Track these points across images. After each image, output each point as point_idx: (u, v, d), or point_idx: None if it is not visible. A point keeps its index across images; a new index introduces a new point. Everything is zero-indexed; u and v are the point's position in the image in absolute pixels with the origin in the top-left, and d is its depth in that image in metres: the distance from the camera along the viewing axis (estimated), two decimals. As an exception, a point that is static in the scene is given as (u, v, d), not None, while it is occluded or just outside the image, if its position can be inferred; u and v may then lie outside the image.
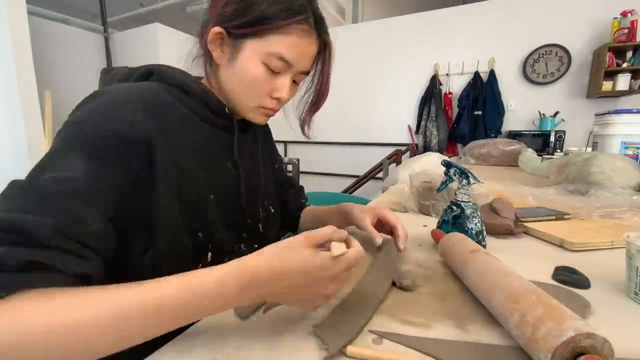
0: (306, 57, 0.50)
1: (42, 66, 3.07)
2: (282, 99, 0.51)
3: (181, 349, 0.33)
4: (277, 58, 0.47)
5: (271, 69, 0.48)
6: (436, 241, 0.57)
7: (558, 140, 3.01)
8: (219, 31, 0.47)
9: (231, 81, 0.50)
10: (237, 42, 0.47)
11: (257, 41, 0.46)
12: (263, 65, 0.47)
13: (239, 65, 0.48)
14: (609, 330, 0.29)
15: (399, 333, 0.35)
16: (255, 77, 0.48)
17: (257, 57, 0.47)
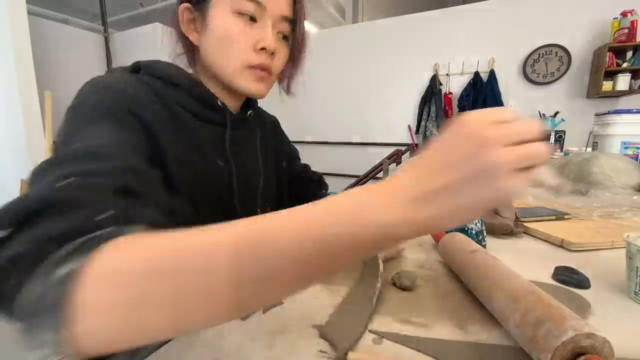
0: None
1: (42, 66, 3.07)
2: (268, 47, 0.46)
3: (181, 349, 0.33)
4: (247, 1, 0.43)
5: (247, 17, 0.44)
6: (436, 241, 0.57)
7: (558, 140, 3.01)
8: (185, 7, 0.45)
9: (210, 50, 0.47)
10: (203, 8, 0.45)
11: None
12: (235, 15, 0.44)
13: (211, 26, 0.45)
14: (609, 330, 0.29)
15: (399, 333, 0.35)
16: (229, 29, 0.44)
17: (226, 9, 0.44)
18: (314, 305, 0.41)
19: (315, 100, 4.26)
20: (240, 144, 0.55)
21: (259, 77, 0.48)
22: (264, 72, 0.48)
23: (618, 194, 0.87)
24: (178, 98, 0.46)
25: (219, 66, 0.47)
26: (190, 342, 0.34)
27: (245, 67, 0.47)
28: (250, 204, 0.57)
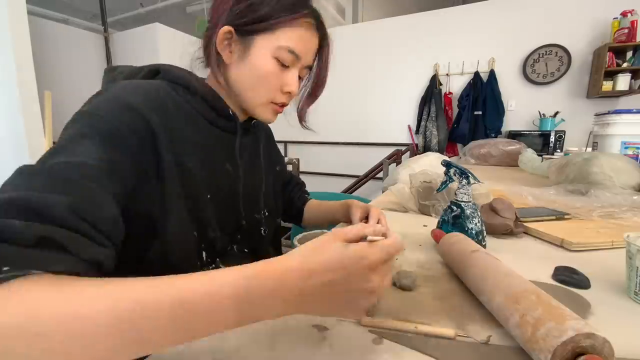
0: (311, 50, 0.52)
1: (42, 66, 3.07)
2: (293, 93, 0.53)
3: (181, 349, 0.33)
4: (288, 51, 0.48)
5: (281, 63, 0.49)
6: (436, 241, 0.57)
7: (558, 140, 3.01)
8: (228, 30, 0.47)
9: (242, 78, 0.51)
10: (246, 40, 0.48)
11: (267, 36, 0.48)
12: (274, 60, 0.49)
13: (251, 61, 0.49)
14: (609, 330, 0.29)
15: (399, 333, 0.35)
16: (267, 71, 0.49)
17: (268, 51, 0.48)
18: (314, 305, 0.41)
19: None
20: (247, 151, 0.58)
21: (277, 111, 0.55)
22: (281, 108, 0.55)
23: (618, 194, 0.87)
24: (195, 104, 0.50)
25: (246, 95, 0.52)
26: (190, 342, 0.34)
27: (269, 102, 0.53)
28: (254, 208, 0.60)
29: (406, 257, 0.57)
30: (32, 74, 2.63)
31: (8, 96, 2.64)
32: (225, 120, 0.54)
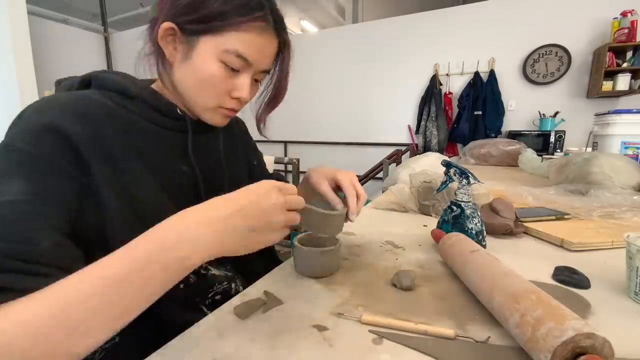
0: (265, 55, 0.48)
1: (42, 66, 3.07)
2: (243, 99, 0.49)
3: (181, 349, 0.33)
4: (235, 55, 0.45)
5: (230, 67, 0.46)
6: (436, 241, 0.57)
7: (558, 140, 3.01)
8: (169, 26, 0.44)
9: (186, 80, 0.47)
10: (190, 39, 0.45)
11: (213, 38, 0.44)
12: (220, 63, 0.45)
13: (194, 63, 0.45)
14: (609, 330, 0.29)
15: (399, 333, 0.35)
16: (212, 75, 0.46)
17: (213, 54, 0.45)
18: (314, 305, 0.41)
19: (315, 100, 4.26)
20: (204, 149, 0.54)
21: (226, 116, 0.51)
22: (232, 112, 0.51)
23: (618, 194, 0.87)
24: (134, 109, 0.46)
25: (190, 97, 0.49)
26: (189, 342, 0.34)
27: (217, 107, 0.49)
28: None
29: (406, 257, 0.57)
30: (32, 74, 2.63)
31: (8, 96, 2.64)
32: (173, 120, 0.50)
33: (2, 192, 0.33)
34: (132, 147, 0.44)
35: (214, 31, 0.44)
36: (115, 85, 0.46)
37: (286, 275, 0.50)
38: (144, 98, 0.48)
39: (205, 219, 0.31)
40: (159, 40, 0.46)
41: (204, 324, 0.37)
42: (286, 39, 0.51)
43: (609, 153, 1.03)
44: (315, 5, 5.29)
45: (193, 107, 0.50)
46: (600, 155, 1.00)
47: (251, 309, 0.39)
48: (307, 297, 0.43)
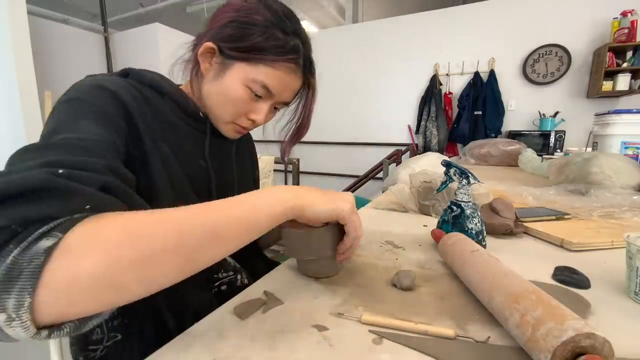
0: (288, 90, 0.53)
1: (42, 66, 3.07)
2: (257, 122, 0.54)
3: (181, 349, 0.33)
4: (261, 86, 0.50)
5: (254, 93, 0.50)
6: (436, 241, 0.57)
7: (558, 140, 3.01)
8: (211, 46, 0.49)
9: (213, 95, 0.52)
10: (226, 61, 0.49)
11: (246, 66, 0.49)
12: (246, 89, 0.50)
13: (224, 82, 0.50)
14: (609, 330, 0.29)
15: (399, 333, 0.35)
16: (237, 97, 0.50)
17: (242, 80, 0.49)
18: (314, 305, 0.41)
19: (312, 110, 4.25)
20: (218, 152, 0.59)
21: (238, 132, 0.57)
22: (244, 130, 0.56)
23: (618, 194, 0.87)
24: (164, 104, 0.51)
25: (213, 109, 0.54)
26: (189, 342, 0.34)
27: (232, 122, 0.54)
28: None
29: (406, 257, 0.57)
30: (32, 74, 2.63)
31: (8, 96, 2.64)
32: (196, 121, 0.54)
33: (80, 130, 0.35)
34: (160, 132, 0.48)
35: (249, 61, 0.49)
36: (151, 81, 0.50)
37: (286, 275, 0.50)
38: (173, 96, 0.52)
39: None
40: (198, 55, 0.50)
41: (204, 324, 0.37)
42: (312, 82, 0.56)
43: (608, 153, 1.03)
44: (315, 6, 5.29)
45: (212, 118, 0.55)
46: (600, 155, 0.99)
47: (251, 309, 0.39)
48: (307, 297, 0.43)
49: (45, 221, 0.24)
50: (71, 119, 0.37)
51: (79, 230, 0.25)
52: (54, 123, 0.36)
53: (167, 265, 0.28)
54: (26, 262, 0.22)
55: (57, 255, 0.23)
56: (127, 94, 0.44)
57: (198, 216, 0.31)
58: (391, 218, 0.83)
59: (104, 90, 0.41)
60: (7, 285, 0.21)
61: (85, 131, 0.36)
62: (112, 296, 0.26)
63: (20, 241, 0.23)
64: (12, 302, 0.21)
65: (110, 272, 0.24)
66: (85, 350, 0.47)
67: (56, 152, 0.31)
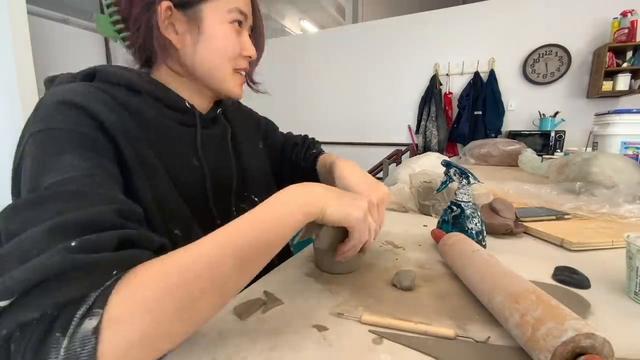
0: (250, 7, 0.50)
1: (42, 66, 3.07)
2: (253, 56, 0.51)
3: (181, 349, 0.33)
4: (238, 12, 0.46)
5: (236, 25, 0.47)
6: (436, 241, 0.57)
7: (558, 140, 3.01)
8: (167, 6, 0.43)
9: (203, 55, 0.47)
10: (192, 13, 0.44)
11: (215, 2, 0.45)
12: (230, 25, 0.47)
13: (207, 33, 0.45)
14: (609, 330, 0.29)
15: (399, 333, 0.35)
16: (227, 39, 0.47)
17: (221, 18, 0.46)
18: (314, 305, 0.41)
19: (315, 100, 4.27)
20: (212, 144, 0.54)
21: (242, 81, 0.53)
22: (243, 75, 0.53)
23: (618, 193, 0.87)
24: (142, 104, 0.45)
25: (210, 70, 0.49)
26: (189, 342, 0.34)
27: (234, 71, 0.50)
28: (224, 205, 0.55)
29: (406, 257, 0.57)
30: (32, 74, 2.63)
31: (8, 96, 2.64)
32: (181, 115, 0.50)
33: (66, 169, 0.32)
34: (145, 139, 0.43)
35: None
36: (121, 79, 0.45)
37: (286, 275, 0.50)
38: (151, 92, 0.47)
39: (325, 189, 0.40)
40: (162, 30, 0.44)
41: (204, 324, 0.37)
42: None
43: (608, 153, 1.03)
44: (315, 5, 5.29)
45: (214, 81, 0.50)
46: (600, 155, 0.99)
47: (251, 309, 0.39)
48: (307, 297, 0.43)
49: (79, 301, 0.24)
50: (51, 154, 0.33)
51: (117, 301, 0.24)
52: (34, 163, 0.33)
53: (207, 302, 0.28)
54: (79, 347, 0.22)
55: (106, 332, 0.23)
56: (97, 105, 0.38)
57: (226, 246, 0.30)
58: (391, 218, 0.83)
59: (70, 107, 0.37)
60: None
61: (72, 168, 0.32)
62: (166, 344, 0.26)
63: (65, 328, 0.23)
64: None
65: (159, 327, 0.25)
66: None
67: (54, 208, 0.28)
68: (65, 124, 0.35)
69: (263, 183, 0.63)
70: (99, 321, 0.23)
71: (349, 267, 0.50)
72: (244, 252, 0.30)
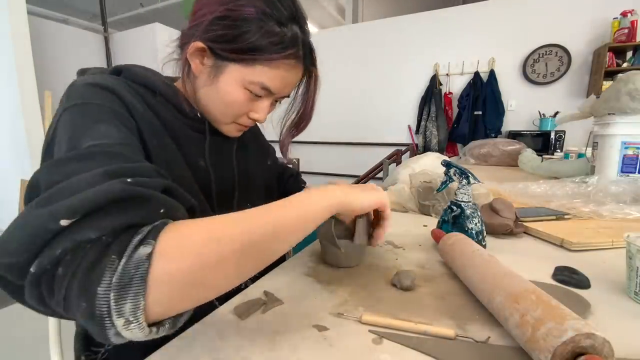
0: (289, 86, 0.50)
1: (42, 66, 3.07)
2: (259, 121, 0.52)
3: (181, 349, 0.33)
4: (260, 87, 0.47)
5: (253, 94, 0.48)
6: (436, 241, 0.57)
7: (558, 140, 3.01)
8: (201, 47, 0.45)
9: (209, 98, 0.49)
10: (219, 63, 0.46)
11: (242, 67, 0.45)
12: (245, 91, 0.47)
13: (220, 86, 0.47)
14: (609, 330, 0.29)
15: (399, 333, 0.35)
16: (235, 100, 0.48)
17: (239, 82, 0.46)
18: (314, 305, 0.41)
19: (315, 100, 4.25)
20: (218, 152, 0.56)
21: (240, 130, 0.55)
22: (246, 127, 0.55)
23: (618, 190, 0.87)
24: (159, 105, 0.48)
25: (211, 112, 0.51)
26: (190, 342, 0.34)
27: (233, 122, 0.52)
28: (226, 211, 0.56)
29: (406, 257, 0.57)
30: (32, 74, 2.63)
31: (8, 96, 2.64)
32: (192, 121, 0.52)
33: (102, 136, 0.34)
34: (161, 133, 0.46)
35: (245, 62, 0.45)
36: (143, 79, 0.48)
37: (286, 275, 0.50)
38: (167, 96, 0.49)
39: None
40: (188, 56, 0.46)
41: (204, 324, 0.37)
42: (313, 71, 0.52)
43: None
44: (315, 5, 5.29)
45: (211, 119, 0.53)
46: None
47: (251, 309, 0.39)
48: (307, 297, 0.43)
49: (131, 230, 0.26)
50: (86, 124, 0.35)
51: (168, 237, 0.26)
52: (69, 132, 0.34)
53: (242, 261, 0.30)
54: (133, 269, 0.24)
55: (155, 260, 0.25)
56: (125, 92, 0.42)
57: (262, 217, 0.32)
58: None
59: (102, 89, 0.40)
60: (121, 293, 0.23)
61: (108, 136, 0.34)
62: (201, 293, 0.28)
63: (122, 251, 0.24)
64: (129, 307, 0.23)
65: (200, 272, 0.27)
66: (87, 350, 0.47)
67: (99, 161, 0.30)
68: (100, 99, 0.38)
69: (264, 197, 0.65)
70: (152, 251, 0.25)
71: (361, 258, 0.54)
72: (277, 225, 0.32)
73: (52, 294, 0.24)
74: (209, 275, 0.28)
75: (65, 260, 0.24)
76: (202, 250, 0.27)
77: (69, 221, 0.24)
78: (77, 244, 0.24)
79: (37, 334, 1.50)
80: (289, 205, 0.35)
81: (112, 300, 0.23)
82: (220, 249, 0.28)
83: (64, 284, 0.23)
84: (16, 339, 1.51)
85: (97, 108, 0.37)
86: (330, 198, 0.38)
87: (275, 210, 0.33)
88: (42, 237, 0.23)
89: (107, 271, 0.23)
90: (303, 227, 0.35)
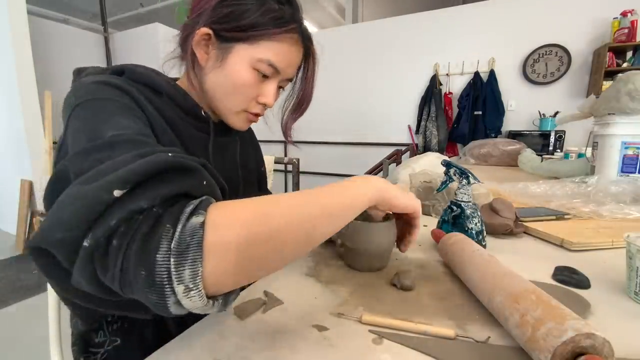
0: (293, 65, 0.51)
1: (42, 66, 3.07)
2: (268, 104, 0.52)
3: (181, 349, 0.33)
4: (267, 64, 0.47)
5: (260, 74, 0.48)
6: (436, 241, 0.57)
7: (558, 140, 3.01)
8: (207, 32, 0.46)
9: (217, 85, 0.49)
10: (225, 45, 0.47)
11: (247, 46, 0.46)
12: (253, 71, 0.48)
13: (228, 68, 0.47)
14: (609, 330, 0.29)
15: (399, 333, 0.35)
16: (244, 82, 0.48)
17: (247, 62, 0.47)
18: (314, 305, 0.41)
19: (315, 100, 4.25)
20: (222, 152, 0.57)
21: (250, 120, 0.54)
22: (256, 117, 0.54)
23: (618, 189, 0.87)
24: (162, 104, 0.48)
25: (219, 101, 0.51)
26: (189, 342, 0.34)
27: (243, 111, 0.52)
28: None
29: (406, 257, 0.57)
30: (32, 74, 2.63)
31: (8, 96, 2.64)
32: (196, 120, 0.52)
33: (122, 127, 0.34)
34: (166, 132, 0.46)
35: (249, 40, 0.46)
36: (146, 79, 0.48)
37: (286, 275, 0.50)
38: (171, 95, 0.49)
39: None
40: (193, 45, 0.47)
41: (204, 324, 0.37)
42: (312, 49, 0.53)
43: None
44: (315, 5, 5.29)
45: (220, 110, 0.52)
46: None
47: (251, 309, 0.39)
48: (307, 297, 0.43)
49: (181, 200, 0.27)
50: (103, 117, 0.35)
51: (217, 210, 0.27)
52: (88, 124, 0.34)
53: (292, 238, 0.30)
54: (188, 236, 0.24)
55: (208, 230, 0.25)
56: (132, 90, 0.42)
57: (311, 196, 0.32)
58: (391, 218, 0.82)
59: (111, 86, 0.40)
60: (179, 259, 0.23)
61: (127, 127, 0.34)
62: (254, 268, 0.28)
63: (176, 220, 0.25)
64: (188, 273, 0.24)
65: (251, 245, 0.27)
66: (86, 352, 0.47)
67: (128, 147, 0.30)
68: (111, 95, 0.38)
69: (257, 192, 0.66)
70: (204, 220, 0.25)
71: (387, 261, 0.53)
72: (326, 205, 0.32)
73: (106, 269, 0.24)
74: (260, 249, 0.27)
75: (120, 231, 0.24)
76: (253, 223, 0.27)
77: (122, 192, 0.24)
78: (131, 214, 0.24)
79: (37, 334, 1.50)
80: (335, 189, 0.35)
81: (172, 266, 0.23)
82: (269, 224, 0.28)
83: (120, 255, 0.23)
84: (16, 339, 1.52)
85: (110, 103, 0.37)
86: (373, 188, 0.38)
87: (321, 194, 0.34)
88: (96, 209, 0.23)
89: (164, 239, 0.24)
90: (348, 212, 0.35)
